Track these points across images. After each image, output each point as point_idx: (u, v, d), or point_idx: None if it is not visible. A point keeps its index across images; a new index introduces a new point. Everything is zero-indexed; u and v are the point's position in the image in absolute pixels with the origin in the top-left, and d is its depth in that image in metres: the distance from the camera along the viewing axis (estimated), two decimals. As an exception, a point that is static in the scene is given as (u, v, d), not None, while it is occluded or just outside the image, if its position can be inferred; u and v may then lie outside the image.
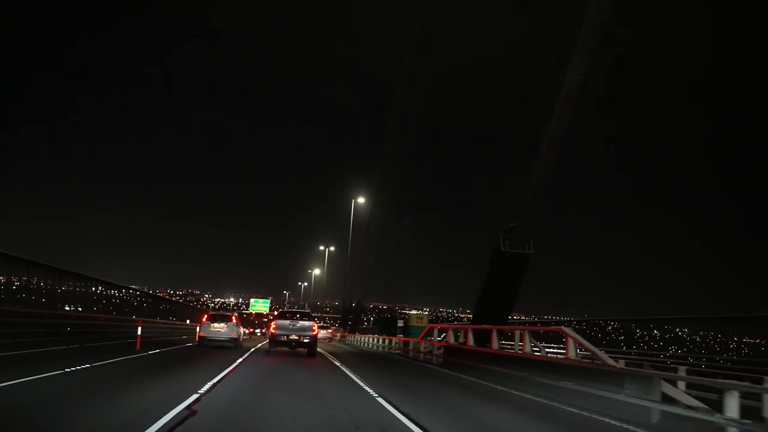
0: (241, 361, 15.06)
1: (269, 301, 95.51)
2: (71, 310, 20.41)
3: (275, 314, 23.77)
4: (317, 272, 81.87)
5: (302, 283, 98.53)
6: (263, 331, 56.77)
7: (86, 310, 21.74)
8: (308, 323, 19.12)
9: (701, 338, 18.94)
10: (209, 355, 17.34)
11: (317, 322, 21.92)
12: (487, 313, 17.98)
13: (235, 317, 22.70)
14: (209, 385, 9.35)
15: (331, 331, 53.30)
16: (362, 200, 48.07)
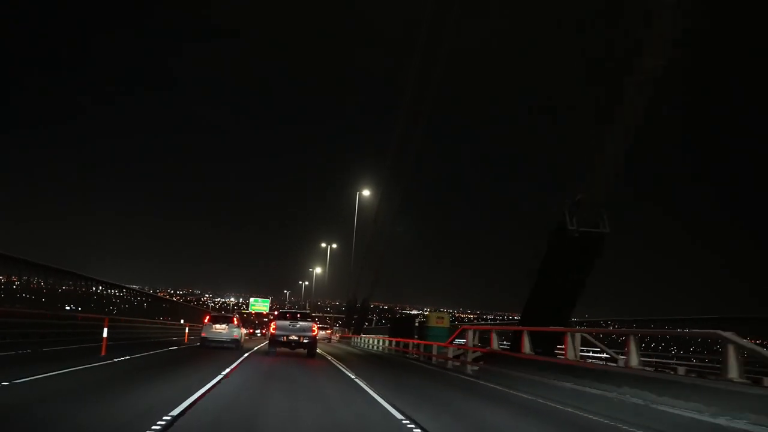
0: (228, 372, 11.29)
1: (269, 300, 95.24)
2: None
3: (275, 314, 24.39)
4: (318, 271, 79.49)
5: (303, 282, 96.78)
6: (263, 331, 54.72)
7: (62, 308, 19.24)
8: (308, 324, 19.29)
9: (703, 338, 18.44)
10: (190, 364, 13.91)
11: (317, 322, 22.22)
12: (543, 311, 14.16)
13: (236, 318, 23.38)
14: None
15: (330, 331, 53.08)
16: (367, 192, 46.19)
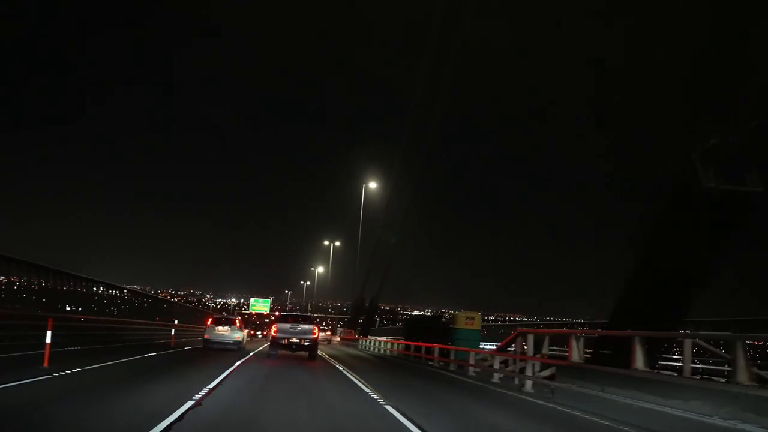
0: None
1: (270, 300, 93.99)
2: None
3: (276, 314, 23.74)
4: (320, 270, 77.78)
5: (304, 282, 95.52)
6: (264, 332, 52.13)
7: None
8: (309, 326, 19.36)
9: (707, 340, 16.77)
10: (156, 380, 10.13)
11: (318, 325, 22.62)
12: (646, 309, 10.09)
13: (238, 320, 23.53)
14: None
15: (329, 333, 52.82)
16: (374, 185, 44.76)
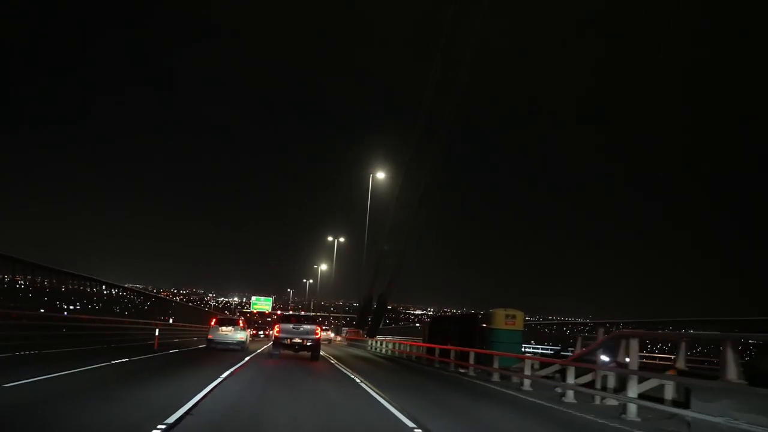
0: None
1: (271, 299, 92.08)
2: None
3: (278, 314, 24.86)
4: (324, 267, 73.78)
5: (307, 280, 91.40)
6: (266, 332, 50.70)
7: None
8: (311, 327, 19.71)
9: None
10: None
11: (321, 325, 22.37)
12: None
13: (242, 321, 23.80)
14: None
15: (330, 333, 50.96)
16: (382, 175, 41.90)
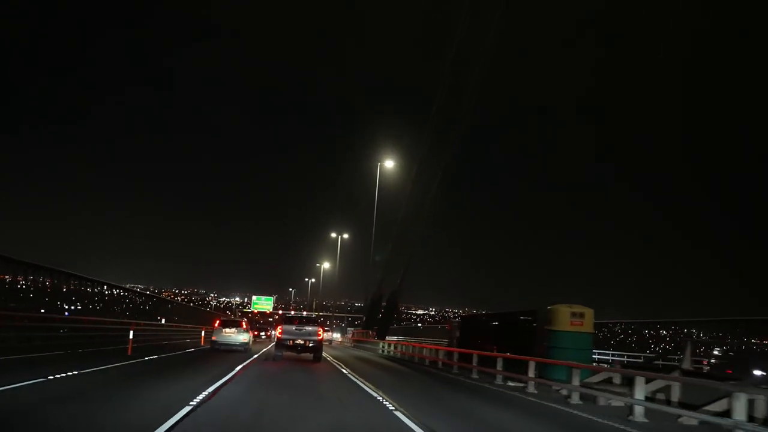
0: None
1: (273, 298, 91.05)
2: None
3: (280, 314, 25.25)
4: (327, 266, 71.85)
5: (309, 279, 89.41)
6: (268, 333, 50.38)
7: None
8: (314, 328, 19.88)
9: (712, 339, 19.54)
10: None
11: (323, 327, 22.52)
12: None
13: (245, 322, 24.19)
14: None
15: (330, 333, 51.31)
16: (391, 164, 40.52)
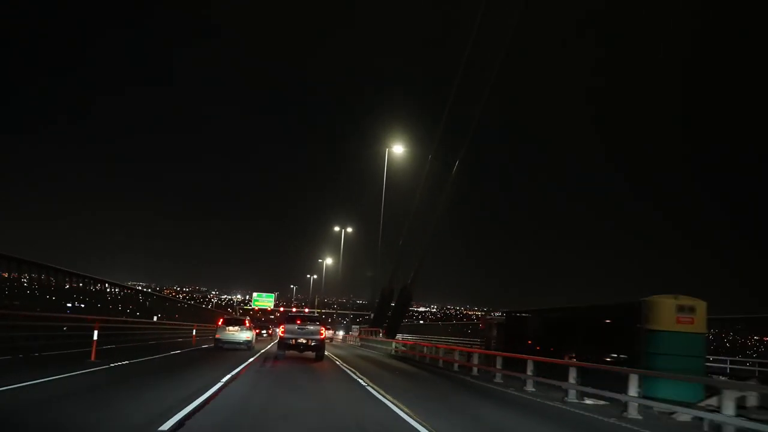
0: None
1: (274, 295, 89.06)
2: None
3: (281, 311, 25.32)
4: (329, 261, 70.97)
5: (311, 276, 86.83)
6: (269, 332, 49.43)
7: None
8: (316, 327, 19.93)
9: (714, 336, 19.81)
10: None
11: (326, 326, 22.58)
12: None
13: (248, 321, 24.56)
14: None
15: (332, 331, 51.96)
16: (400, 149, 38.17)
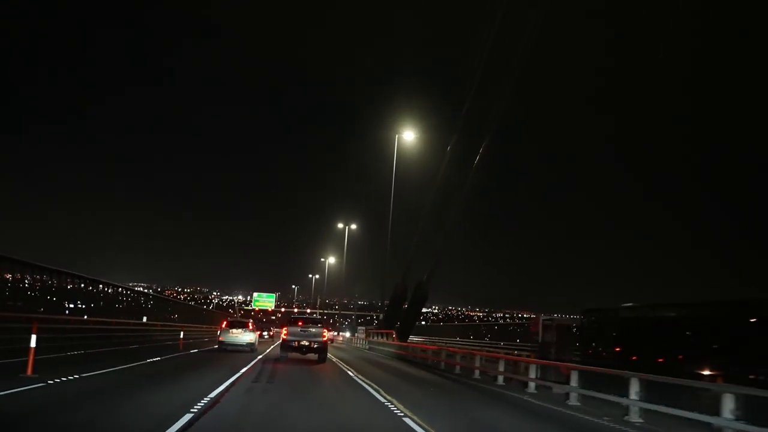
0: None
1: (275, 296, 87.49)
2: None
3: (282, 311, 25.84)
4: (332, 261, 70.79)
5: (313, 275, 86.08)
6: (270, 333, 48.78)
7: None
8: (319, 329, 19.87)
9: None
10: None
11: (328, 328, 22.52)
12: None
13: (251, 323, 24.91)
14: None
15: (333, 333, 53.62)
16: (411, 136, 35.83)
